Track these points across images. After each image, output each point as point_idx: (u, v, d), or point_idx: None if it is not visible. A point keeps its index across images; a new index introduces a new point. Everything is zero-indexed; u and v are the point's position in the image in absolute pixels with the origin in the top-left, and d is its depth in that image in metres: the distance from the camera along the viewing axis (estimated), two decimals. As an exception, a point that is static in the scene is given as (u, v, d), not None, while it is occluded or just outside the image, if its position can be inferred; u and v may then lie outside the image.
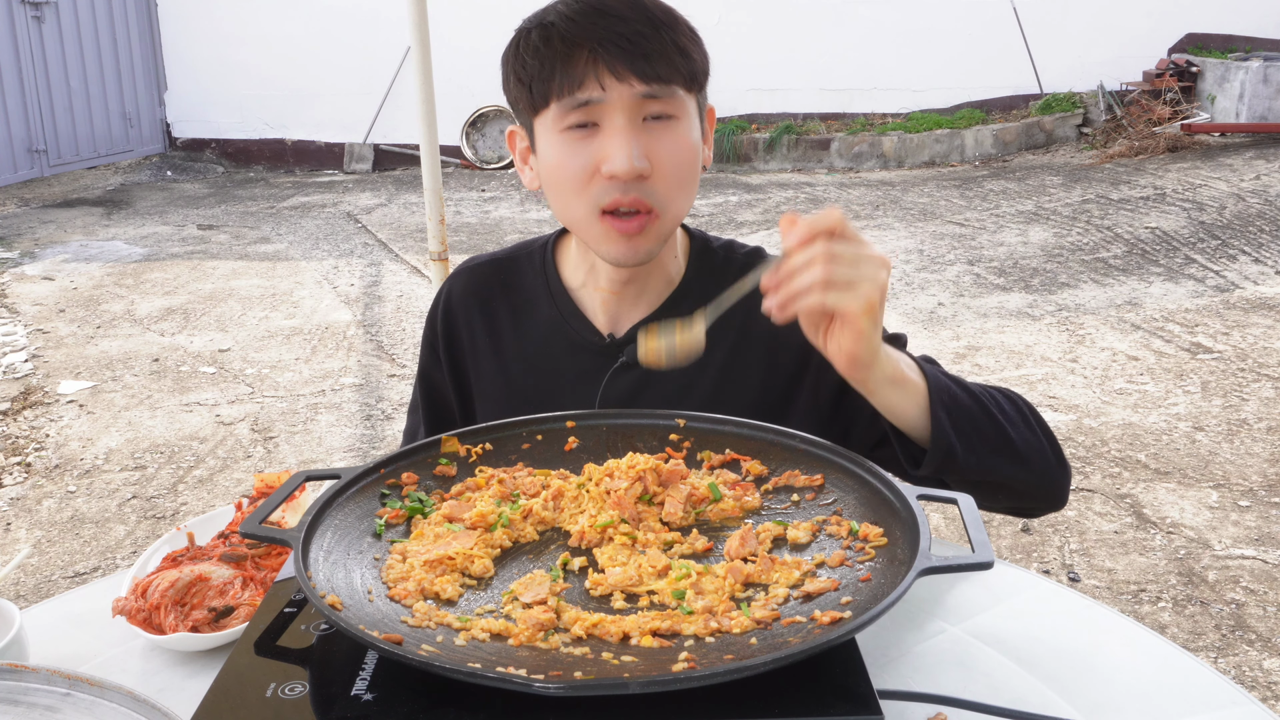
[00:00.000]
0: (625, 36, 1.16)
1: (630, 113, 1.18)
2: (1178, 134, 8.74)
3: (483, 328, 1.41)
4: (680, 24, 1.22)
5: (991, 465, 1.16)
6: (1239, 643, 2.73)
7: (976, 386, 1.20)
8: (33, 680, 0.86)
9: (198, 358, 5.18)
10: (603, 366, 1.34)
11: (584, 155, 1.20)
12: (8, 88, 9.00)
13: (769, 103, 9.89)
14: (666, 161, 1.21)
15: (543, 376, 1.37)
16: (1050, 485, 1.22)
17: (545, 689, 0.76)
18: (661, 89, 1.18)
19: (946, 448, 1.11)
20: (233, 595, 1.12)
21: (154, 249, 7.39)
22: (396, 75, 10.01)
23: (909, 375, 1.11)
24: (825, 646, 0.79)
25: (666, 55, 1.18)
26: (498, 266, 1.44)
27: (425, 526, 1.05)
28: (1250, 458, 3.72)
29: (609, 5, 1.18)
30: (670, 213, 1.24)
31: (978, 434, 1.14)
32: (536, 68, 1.19)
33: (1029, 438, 1.20)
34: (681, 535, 1.05)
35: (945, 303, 5.58)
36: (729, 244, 1.40)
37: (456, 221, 7.84)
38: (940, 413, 1.11)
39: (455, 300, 1.44)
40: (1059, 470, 1.23)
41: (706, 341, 1.32)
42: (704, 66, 1.25)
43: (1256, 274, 5.76)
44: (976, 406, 1.16)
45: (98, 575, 3.27)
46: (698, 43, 1.24)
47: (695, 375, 1.32)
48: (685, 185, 1.24)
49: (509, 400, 1.37)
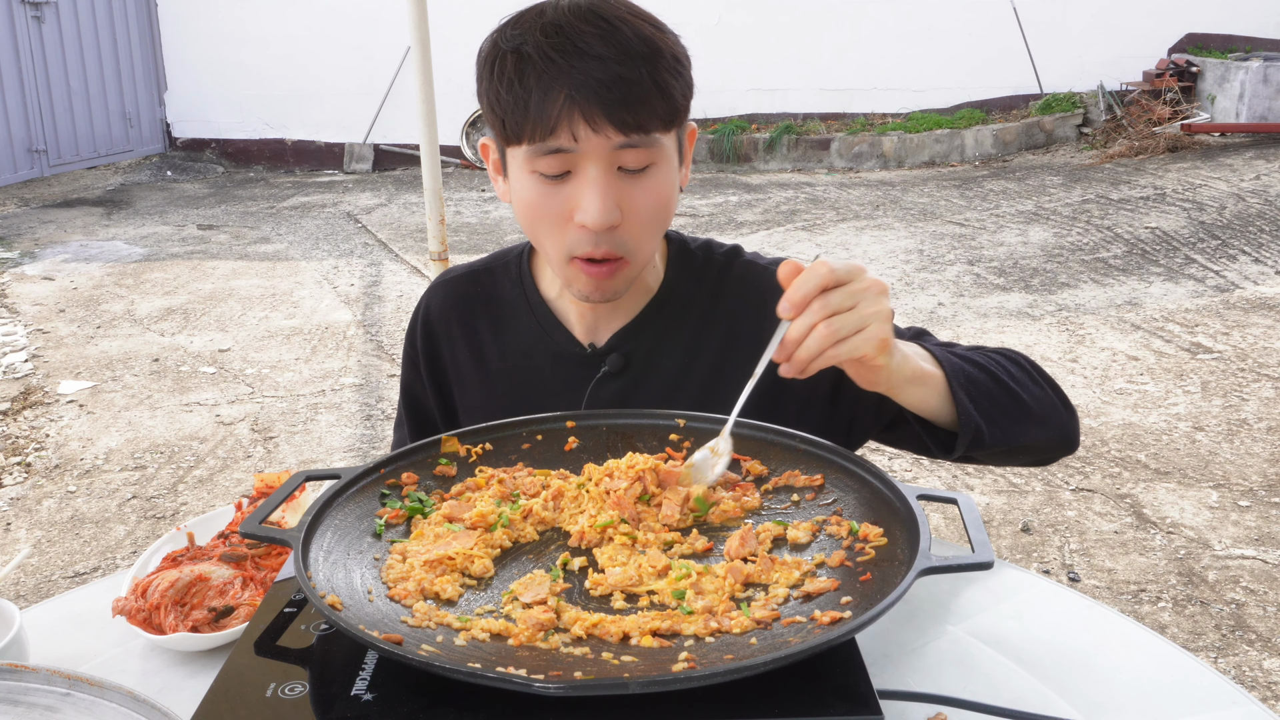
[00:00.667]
0: (603, 83, 1.10)
1: (605, 163, 1.14)
2: (1178, 134, 8.74)
3: (464, 341, 1.40)
4: (662, 55, 1.14)
5: (1016, 434, 1.19)
6: (1239, 643, 2.73)
7: (980, 356, 1.22)
8: (33, 680, 0.86)
9: (198, 358, 5.18)
10: (586, 376, 1.34)
11: (556, 200, 1.17)
12: (8, 88, 9.00)
13: (769, 103, 9.89)
14: (641, 211, 1.18)
15: (526, 387, 1.37)
16: (1064, 434, 1.26)
17: (545, 689, 0.76)
18: (639, 138, 1.14)
19: (974, 429, 1.13)
20: (233, 595, 1.12)
21: (154, 249, 7.39)
22: (396, 75, 10.02)
23: (925, 368, 1.12)
24: (825, 646, 0.79)
25: (646, 100, 1.12)
26: (475, 279, 1.43)
27: (425, 526, 1.05)
28: (1250, 458, 3.72)
29: (587, 42, 1.10)
30: (640, 256, 1.23)
31: (998, 408, 1.16)
32: (510, 104, 1.14)
33: (1039, 395, 1.22)
34: (681, 535, 1.04)
35: (945, 303, 5.58)
36: (707, 244, 1.39)
37: (456, 221, 7.84)
38: (962, 397, 1.12)
39: (434, 315, 1.43)
40: (1069, 417, 1.26)
41: (694, 345, 1.33)
42: (685, 100, 1.20)
43: (1256, 274, 5.76)
44: (991, 381, 1.18)
45: (98, 575, 3.27)
46: (681, 73, 1.17)
47: (682, 380, 1.32)
48: (658, 229, 1.23)
49: (493, 409, 1.36)
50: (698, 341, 1.33)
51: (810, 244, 6.82)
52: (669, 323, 1.34)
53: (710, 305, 1.34)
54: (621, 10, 1.15)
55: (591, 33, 1.11)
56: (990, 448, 1.16)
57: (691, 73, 1.21)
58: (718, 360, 1.33)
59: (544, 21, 1.13)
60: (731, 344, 1.32)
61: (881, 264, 6.33)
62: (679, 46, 1.19)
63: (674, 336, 1.33)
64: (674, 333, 1.33)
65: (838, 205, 7.96)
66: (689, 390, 1.32)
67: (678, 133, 1.22)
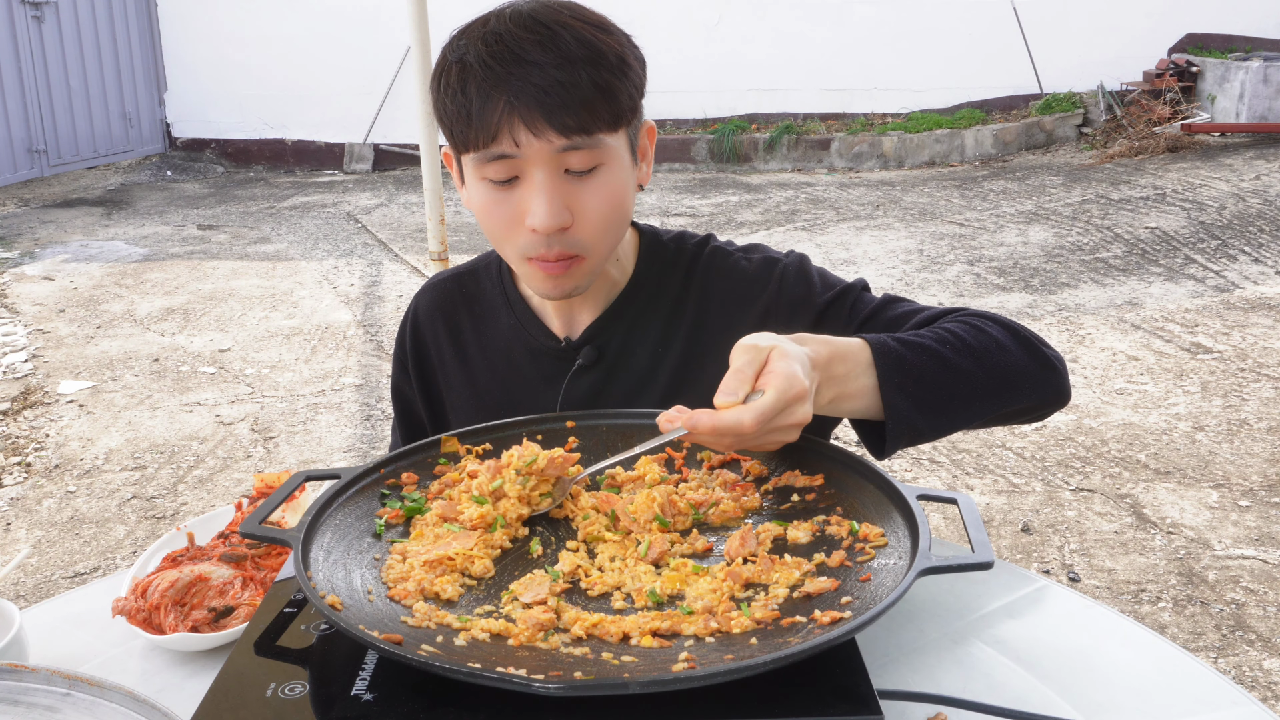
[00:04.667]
0: (541, 88, 1.11)
1: (550, 167, 1.15)
2: (1178, 134, 8.74)
3: (449, 341, 1.44)
4: (604, 57, 1.14)
5: (967, 415, 1.15)
6: (1239, 643, 2.73)
7: (930, 335, 1.15)
8: (33, 680, 0.86)
9: (198, 358, 5.18)
10: (562, 370, 1.36)
11: (506, 206, 1.19)
12: (8, 88, 9.00)
13: (769, 103, 9.89)
14: (590, 211, 1.19)
15: (507, 383, 1.40)
16: (1042, 391, 1.19)
17: (545, 689, 0.76)
18: (583, 140, 1.14)
19: (909, 429, 1.11)
20: (233, 595, 1.12)
21: (154, 249, 7.39)
22: (396, 75, 10.01)
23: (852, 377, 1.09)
24: (825, 646, 0.79)
25: (587, 103, 1.13)
26: (460, 280, 1.46)
27: (425, 527, 1.05)
28: (1250, 458, 3.72)
29: (525, 49, 1.12)
30: (596, 254, 1.23)
31: (940, 394, 1.12)
32: (455, 113, 1.16)
33: (1002, 363, 1.15)
34: (681, 535, 1.04)
35: (945, 303, 5.58)
36: (679, 235, 1.40)
37: (456, 221, 7.84)
38: (893, 395, 1.09)
39: (422, 317, 1.46)
40: (1047, 373, 1.19)
41: (665, 335, 1.34)
42: (633, 100, 1.20)
43: (1256, 274, 5.76)
44: (935, 364, 1.12)
45: (98, 575, 3.27)
46: (626, 73, 1.17)
47: (654, 370, 1.34)
48: (612, 228, 1.23)
49: (478, 408, 1.39)
50: (669, 331, 1.35)
51: (810, 244, 6.82)
52: (640, 314, 1.35)
53: (681, 294, 1.35)
54: (564, 15, 1.16)
55: (530, 40, 1.13)
56: (937, 435, 1.13)
57: (643, 73, 1.22)
58: (688, 348, 1.34)
59: (486, 31, 1.15)
60: (701, 331, 1.34)
61: (881, 264, 6.33)
62: (626, 47, 1.19)
63: (645, 327, 1.35)
64: (645, 324, 1.35)
65: (838, 205, 7.96)
66: (661, 380, 1.33)
67: (628, 133, 1.22)
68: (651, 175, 1.39)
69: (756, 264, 1.35)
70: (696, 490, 1.12)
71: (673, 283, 1.36)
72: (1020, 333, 1.20)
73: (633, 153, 1.25)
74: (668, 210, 7.93)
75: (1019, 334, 1.20)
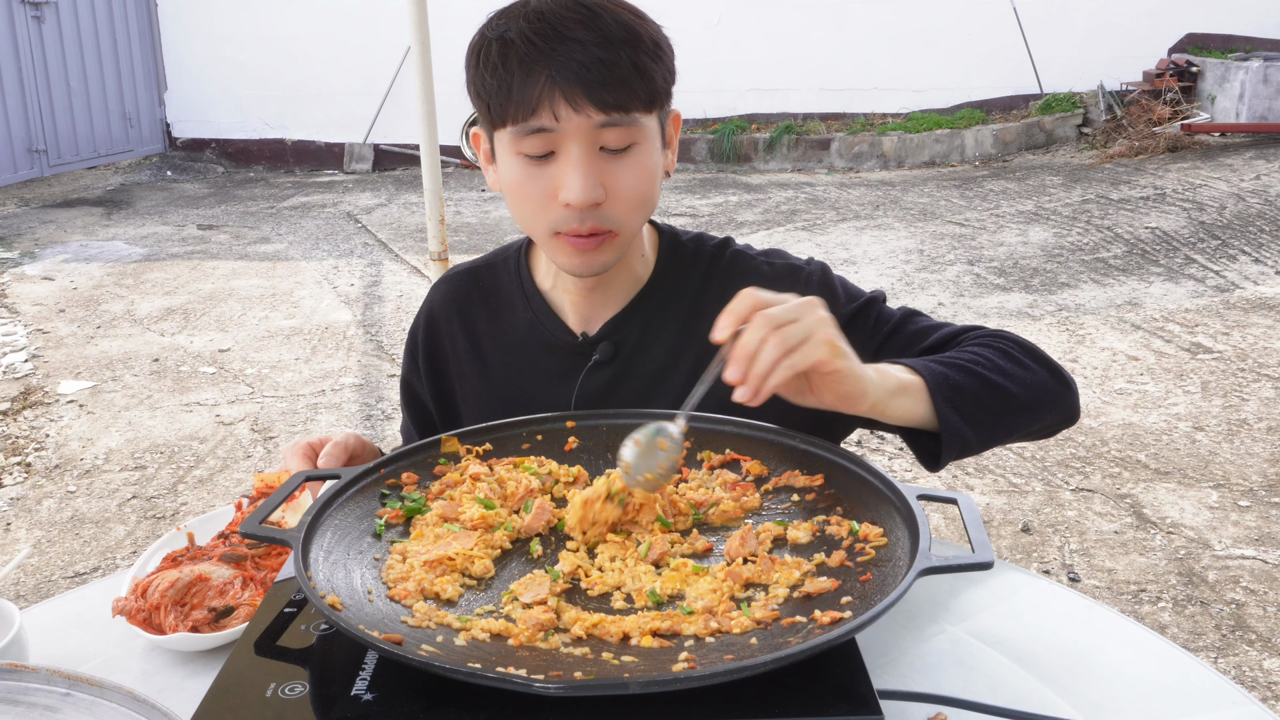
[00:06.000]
0: (583, 64, 1.14)
1: (586, 142, 1.17)
2: (1178, 134, 8.74)
3: (463, 334, 1.44)
4: (642, 40, 1.18)
5: (1006, 429, 1.19)
6: (1239, 643, 2.73)
7: (967, 357, 1.20)
8: (33, 680, 0.86)
9: (198, 358, 5.18)
10: (577, 365, 1.36)
11: (541, 180, 1.20)
12: (8, 88, 9.00)
13: (769, 103, 9.89)
14: (624, 188, 1.21)
15: (521, 376, 1.39)
16: (1062, 409, 1.25)
17: (545, 689, 0.76)
18: (620, 117, 1.17)
19: (961, 441, 1.13)
20: (233, 595, 1.12)
21: (154, 249, 7.39)
22: (396, 75, 10.01)
23: (904, 379, 1.12)
24: (825, 646, 0.79)
25: (625, 82, 1.16)
26: (475, 274, 1.47)
27: (425, 527, 1.05)
28: (1250, 458, 3.72)
29: (568, 27, 1.15)
30: (628, 230, 1.25)
31: (985, 411, 1.16)
32: (494, 87, 1.18)
33: (1030, 381, 1.21)
34: (681, 535, 1.05)
35: (945, 303, 5.58)
36: (698, 236, 1.41)
37: (456, 221, 7.84)
38: (945, 408, 1.12)
39: (438, 310, 1.47)
40: (1065, 393, 1.25)
41: (683, 334, 1.33)
42: (666, 84, 1.23)
43: (1256, 274, 5.76)
44: (976, 383, 1.16)
45: (98, 575, 3.27)
46: (661, 57, 1.21)
47: (669, 369, 1.34)
48: (643, 206, 1.25)
49: (490, 401, 1.39)
50: (686, 331, 1.35)
51: (810, 244, 6.82)
52: (658, 312, 1.36)
53: (700, 294, 1.36)
54: None
55: (573, 19, 1.16)
56: (980, 449, 1.16)
57: (673, 61, 1.25)
58: (705, 349, 1.33)
59: (528, 10, 1.18)
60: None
61: (881, 264, 6.33)
62: (660, 34, 1.23)
63: (663, 326, 1.35)
64: (663, 322, 1.35)
65: (838, 205, 7.96)
66: (675, 379, 1.33)
67: (660, 116, 1.25)
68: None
69: (779, 270, 1.36)
70: (696, 490, 1.12)
71: (691, 283, 1.36)
72: (1039, 354, 1.25)
73: (662, 137, 1.27)
74: (668, 210, 7.93)
75: (1038, 355, 1.25)
